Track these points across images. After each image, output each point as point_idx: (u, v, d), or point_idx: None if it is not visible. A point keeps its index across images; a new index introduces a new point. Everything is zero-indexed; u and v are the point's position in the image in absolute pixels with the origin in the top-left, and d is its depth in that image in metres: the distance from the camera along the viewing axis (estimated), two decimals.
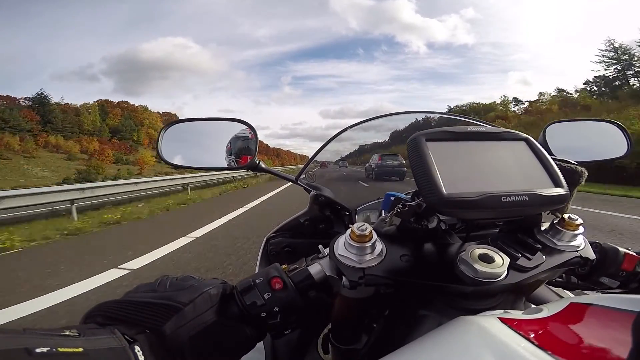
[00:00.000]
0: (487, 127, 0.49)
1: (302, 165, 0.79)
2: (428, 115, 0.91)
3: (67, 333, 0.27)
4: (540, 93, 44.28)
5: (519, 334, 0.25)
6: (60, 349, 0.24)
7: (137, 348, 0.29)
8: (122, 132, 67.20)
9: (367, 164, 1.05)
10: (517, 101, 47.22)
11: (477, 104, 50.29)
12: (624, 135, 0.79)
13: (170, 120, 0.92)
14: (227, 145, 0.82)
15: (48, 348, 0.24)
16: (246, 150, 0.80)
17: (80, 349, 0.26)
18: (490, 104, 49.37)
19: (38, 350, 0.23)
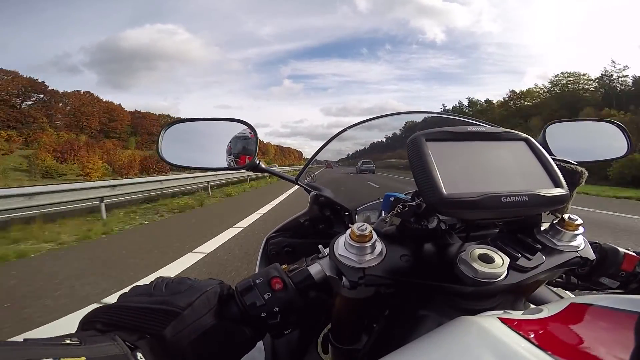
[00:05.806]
0: (487, 127, 0.49)
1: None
2: (430, 115, 0.91)
3: (68, 342, 0.27)
4: None
5: (519, 334, 0.25)
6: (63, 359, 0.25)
7: (139, 355, 0.29)
8: None
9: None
10: None
11: None
12: (624, 136, 0.79)
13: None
14: (228, 146, 0.82)
15: (51, 359, 0.24)
16: (246, 150, 0.80)
17: (83, 358, 0.25)
18: None
19: None
